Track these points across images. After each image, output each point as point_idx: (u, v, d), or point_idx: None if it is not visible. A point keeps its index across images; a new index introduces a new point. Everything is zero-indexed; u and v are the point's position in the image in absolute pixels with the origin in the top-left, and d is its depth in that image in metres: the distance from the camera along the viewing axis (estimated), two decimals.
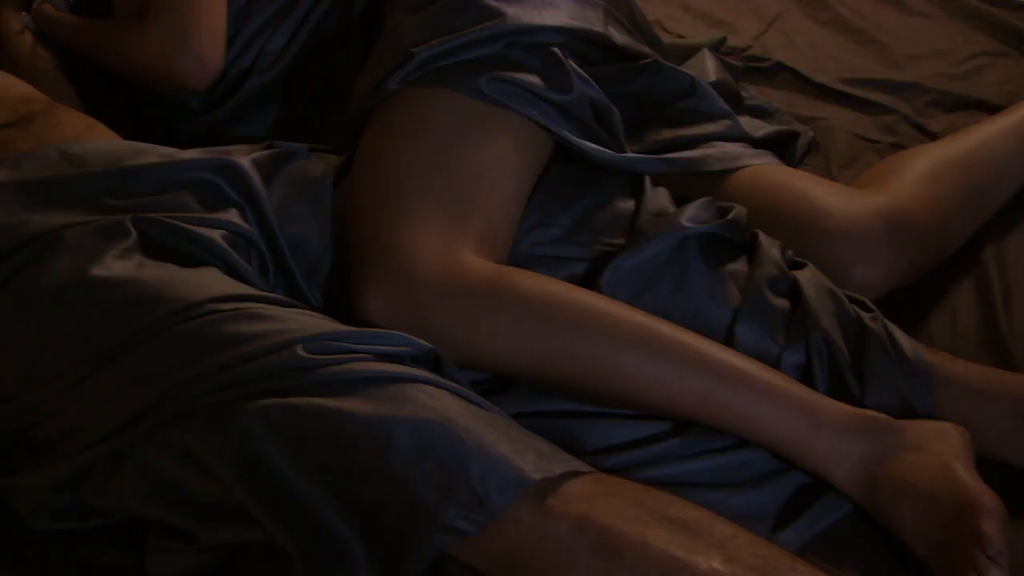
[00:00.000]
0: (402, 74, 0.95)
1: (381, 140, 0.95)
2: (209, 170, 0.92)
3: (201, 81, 1.15)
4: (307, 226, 0.95)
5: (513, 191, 0.94)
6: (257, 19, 1.18)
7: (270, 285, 0.91)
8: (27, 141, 0.93)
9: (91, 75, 1.25)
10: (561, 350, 0.84)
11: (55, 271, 0.79)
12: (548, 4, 0.98)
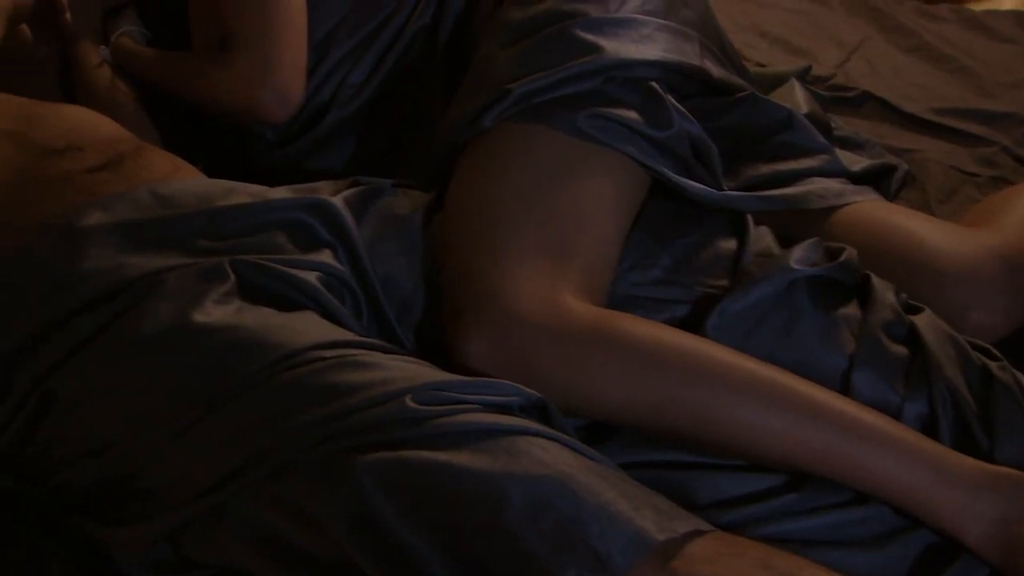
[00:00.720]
0: (498, 110, 0.94)
1: (476, 178, 0.93)
2: (301, 209, 0.91)
3: (282, 115, 1.15)
4: (398, 265, 0.94)
5: (612, 230, 0.92)
6: (337, 51, 1.18)
7: (363, 326, 0.89)
8: (118, 184, 0.92)
9: (168, 108, 1.25)
10: (670, 398, 0.81)
11: (157, 316, 0.78)
12: (645, 38, 0.96)
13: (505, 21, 1.01)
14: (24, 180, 0.91)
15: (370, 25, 1.18)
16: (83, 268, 0.82)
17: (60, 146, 0.95)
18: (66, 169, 0.92)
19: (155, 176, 0.96)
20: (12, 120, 0.97)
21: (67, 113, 1.01)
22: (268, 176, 1.22)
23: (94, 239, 0.84)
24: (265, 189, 0.98)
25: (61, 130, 0.98)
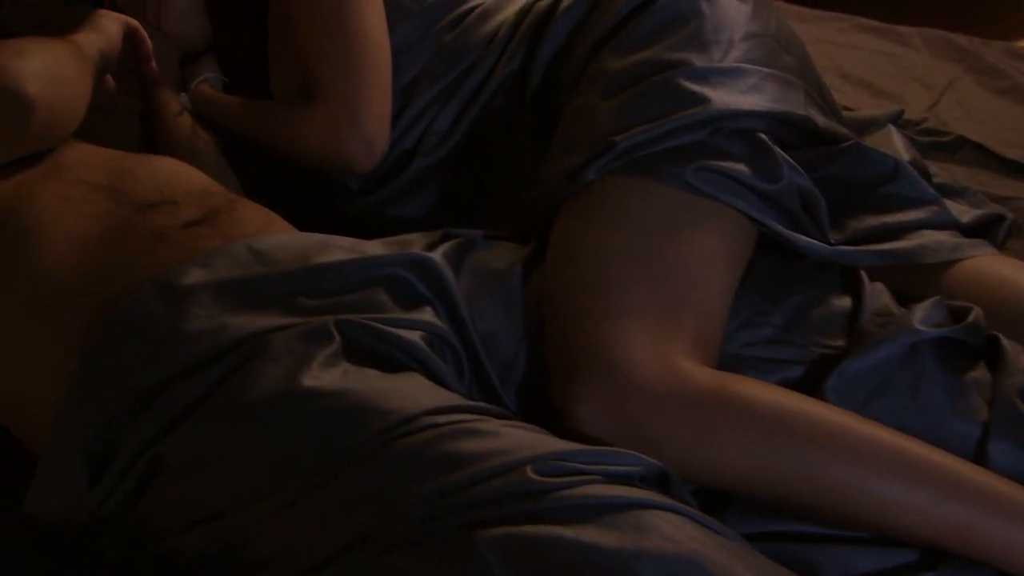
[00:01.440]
0: (602, 163, 0.92)
1: (581, 233, 0.91)
2: (401, 266, 0.89)
3: (368, 164, 1.14)
4: (498, 322, 0.92)
5: (722, 287, 0.89)
6: (422, 98, 1.17)
7: (466, 385, 0.87)
8: (215, 238, 0.91)
9: (248, 156, 1.25)
10: (795, 469, 0.78)
11: (265, 381, 0.76)
12: (752, 87, 0.94)
13: (603, 70, 1.00)
14: (121, 236, 0.90)
15: (455, 71, 1.17)
16: (186, 329, 0.81)
17: (155, 200, 0.94)
18: (162, 224, 0.92)
19: (249, 230, 0.95)
20: (105, 174, 0.97)
21: (158, 166, 1.01)
22: (350, 224, 1.22)
23: (195, 298, 0.83)
24: (360, 243, 0.96)
25: (154, 183, 0.97)
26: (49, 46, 0.97)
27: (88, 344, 0.82)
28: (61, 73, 0.95)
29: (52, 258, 0.88)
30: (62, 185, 0.93)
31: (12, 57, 0.89)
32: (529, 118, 1.11)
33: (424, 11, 1.20)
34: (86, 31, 1.09)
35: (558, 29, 1.10)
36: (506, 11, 1.20)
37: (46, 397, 0.85)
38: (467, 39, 1.18)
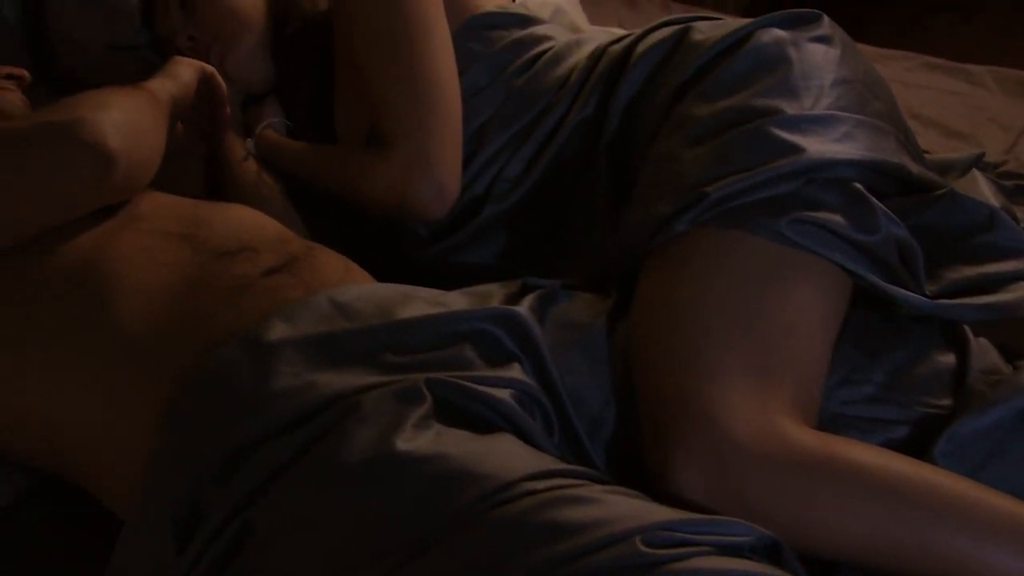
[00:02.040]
0: (692, 214, 0.90)
1: (671, 287, 0.89)
2: (488, 320, 0.87)
3: (441, 211, 1.12)
4: (584, 378, 0.89)
5: (821, 344, 0.86)
6: (492, 143, 1.16)
7: (555, 444, 0.85)
8: (296, 288, 0.90)
9: (315, 202, 1.24)
10: (908, 537, 0.75)
11: (358, 444, 0.74)
12: (846, 135, 0.92)
13: (688, 116, 0.98)
14: (201, 286, 0.89)
15: (526, 116, 1.16)
16: (273, 387, 0.79)
17: (233, 248, 0.93)
18: (243, 272, 0.91)
19: (329, 279, 0.93)
20: (180, 222, 0.96)
21: (233, 213, 1.00)
22: (419, 271, 1.20)
23: (281, 355, 0.82)
24: (441, 294, 0.95)
25: (230, 231, 0.96)
26: (127, 96, 0.96)
27: (173, 402, 0.81)
28: (140, 125, 0.94)
29: (133, 312, 0.87)
30: (139, 236, 0.93)
31: (93, 110, 0.89)
32: (605, 163, 1.10)
33: (494, 55, 1.19)
34: (161, 77, 1.08)
35: (635, 73, 1.09)
36: (577, 54, 1.19)
37: (130, 456, 0.83)
38: (538, 83, 1.17)
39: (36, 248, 0.89)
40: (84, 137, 0.87)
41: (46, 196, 0.88)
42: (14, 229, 0.88)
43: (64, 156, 0.87)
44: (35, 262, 0.89)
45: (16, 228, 0.88)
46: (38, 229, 0.89)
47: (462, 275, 1.19)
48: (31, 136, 0.87)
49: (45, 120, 0.88)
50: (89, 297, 0.87)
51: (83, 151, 0.87)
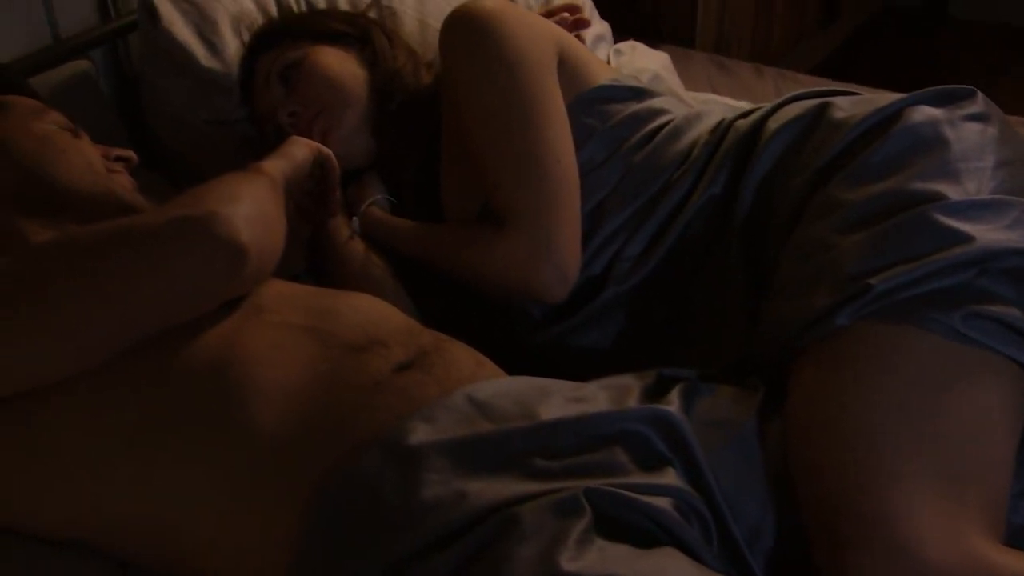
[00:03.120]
0: (854, 308, 0.85)
1: (837, 387, 0.84)
2: (639, 421, 0.83)
3: (561, 293, 1.09)
4: (739, 481, 0.85)
5: (1004, 450, 0.81)
6: (611, 222, 1.12)
7: (714, 553, 0.80)
8: (430, 386, 0.86)
9: (426, 284, 1.21)
10: None
11: (520, 565, 0.70)
12: (1016, 221, 0.87)
13: (837, 201, 0.94)
14: (335, 385, 0.86)
15: (646, 194, 1.12)
16: (423, 497, 0.75)
17: (362, 342, 0.90)
18: (376, 369, 0.88)
19: (463, 374, 0.90)
20: (306, 314, 0.93)
21: (358, 303, 0.97)
22: (531, 353, 1.17)
23: (426, 460, 0.78)
24: (578, 387, 0.91)
25: (357, 322, 0.94)
26: (252, 185, 0.94)
27: (314, 510, 0.77)
28: (268, 215, 0.92)
29: (267, 412, 0.84)
30: (267, 330, 0.90)
31: (223, 203, 0.86)
32: (736, 245, 1.05)
33: (610, 129, 1.16)
34: (276, 157, 1.07)
35: (769, 150, 1.05)
36: (697, 128, 1.16)
37: (257, 565, 0.80)
38: (658, 159, 1.14)
39: (163, 344, 0.87)
40: (218, 232, 0.84)
41: (179, 292, 0.85)
42: (144, 325, 0.86)
43: (198, 252, 0.84)
44: (162, 359, 0.87)
45: (146, 324, 0.86)
46: (167, 324, 0.87)
47: (576, 358, 1.15)
48: (163, 231, 0.85)
49: (177, 215, 0.86)
50: (221, 397, 0.84)
51: (217, 246, 0.84)
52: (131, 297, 0.84)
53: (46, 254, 0.87)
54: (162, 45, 1.33)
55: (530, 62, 1.13)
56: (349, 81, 1.28)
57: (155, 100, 1.41)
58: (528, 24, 1.16)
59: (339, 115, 1.26)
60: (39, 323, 0.83)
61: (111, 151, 1.13)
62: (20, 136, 1.06)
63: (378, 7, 1.54)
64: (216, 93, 1.36)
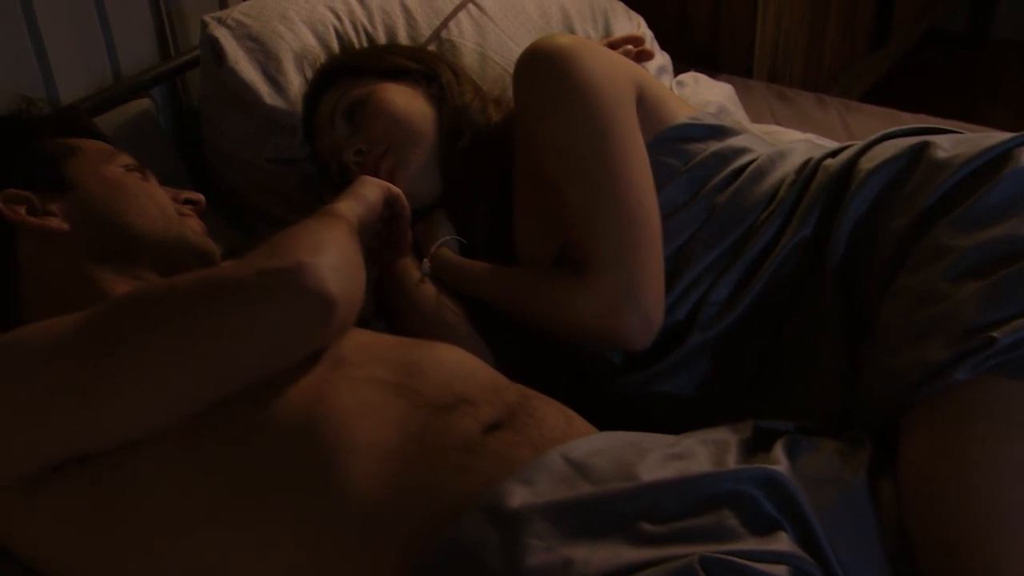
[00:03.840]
0: (976, 361, 0.81)
1: (961, 448, 0.80)
2: (747, 482, 0.80)
3: (646, 340, 1.06)
4: (853, 545, 0.81)
5: None
6: (695, 266, 1.09)
7: None
8: (523, 447, 0.84)
9: (501, 328, 1.18)
10: None
11: None
12: None
13: (947, 247, 0.90)
14: (426, 446, 0.83)
15: (731, 236, 1.09)
16: (529, 565, 0.72)
17: (449, 401, 0.88)
18: (466, 430, 0.85)
19: (554, 433, 0.87)
20: (390, 368, 0.91)
21: (442, 357, 0.94)
22: (610, 399, 1.13)
23: (528, 525, 0.75)
24: (672, 442, 0.88)
25: (443, 378, 0.91)
26: (335, 232, 0.92)
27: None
28: (351, 263, 0.90)
29: (357, 475, 0.81)
30: (353, 387, 0.87)
31: (310, 254, 0.84)
32: (830, 290, 1.02)
33: (691, 169, 1.13)
34: (349, 199, 1.05)
35: (864, 192, 1.02)
36: (782, 167, 1.13)
37: None
38: (743, 200, 1.11)
39: (248, 398, 0.85)
40: (307, 285, 0.82)
41: (266, 346, 0.83)
42: (229, 381, 0.83)
43: (287, 305, 0.82)
44: (248, 415, 0.84)
45: (231, 380, 0.83)
46: (252, 379, 0.85)
47: (658, 405, 1.12)
48: (250, 284, 0.82)
49: (263, 266, 0.83)
50: (311, 457, 0.82)
51: (306, 299, 0.82)
52: (217, 353, 0.82)
53: (127, 308, 0.85)
54: (227, 84, 1.31)
55: (610, 100, 1.10)
56: (417, 118, 1.26)
57: (216, 138, 1.39)
58: (606, 61, 1.14)
59: (407, 154, 1.24)
60: (122, 382, 0.81)
61: (180, 194, 1.12)
62: (92, 181, 1.04)
63: (438, 41, 1.53)
64: (279, 132, 1.35)
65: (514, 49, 1.57)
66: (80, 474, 0.85)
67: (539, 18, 1.63)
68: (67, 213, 1.02)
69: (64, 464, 0.85)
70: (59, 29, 1.27)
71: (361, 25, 1.46)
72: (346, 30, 1.44)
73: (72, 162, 1.05)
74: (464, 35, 1.54)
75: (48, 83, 1.27)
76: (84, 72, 1.32)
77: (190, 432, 0.84)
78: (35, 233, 1.00)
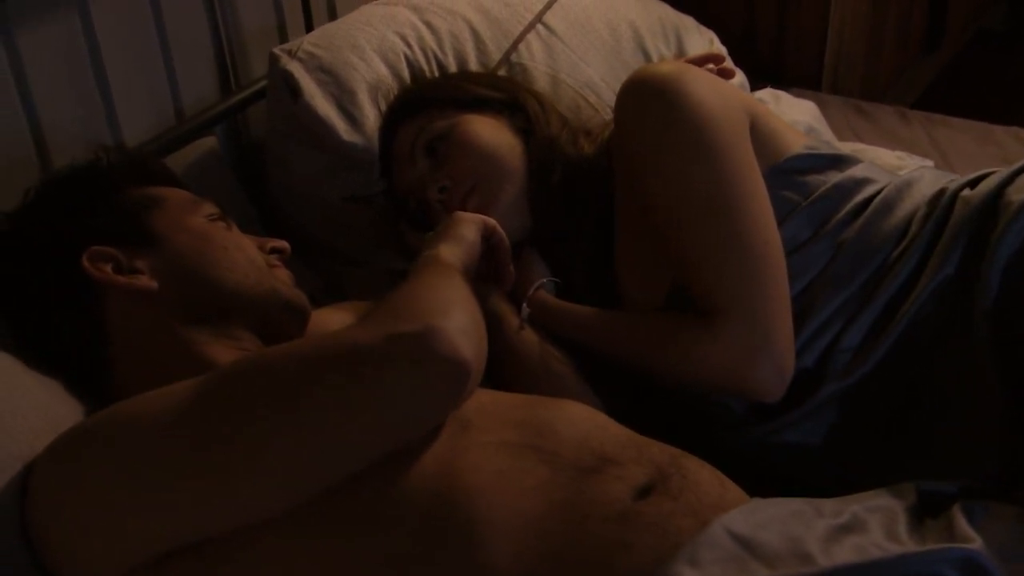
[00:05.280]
0: None
1: None
2: (939, 564, 0.74)
3: (779, 391, 0.99)
4: None
5: None
6: (823, 308, 1.02)
7: None
8: (683, 517, 0.77)
9: (606, 376, 1.12)
10: None
11: None
12: None
13: None
14: (574, 515, 0.77)
15: (861, 276, 1.03)
16: None
17: (591, 462, 0.82)
18: (616, 496, 0.79)
19: (710, 498, 0.81)
20: (518, 429, 0.84)
21: (569, 415, 0.88)
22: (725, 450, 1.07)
23: None
24: (837, 508, 0.82)
25: (577, 439, 0.85)
26: (454, 286, 0.86)
27: None
28: (476, 320, 0.84)
29: (508, 555, 0.75)
30: (486, 453, 0.81)
31: (439, 316, 0.78)
32: (982, 334, 0.95)
33: (812, 203, 1.07)
34: (448, 244, 0.99)
35: (1017, 227, 0.95)
36: (911, 199, 1.07)
37: None
38: (872, 236, 1.04)
39: (374, 473, 0.78)
40: (440, 350, 0.75)
41: (398, 419, 0.76)
42: (356, 458, 0.77)
43: (421, 374, 0.75)
44: (376, 492, 0.78)
45: (358, 457, 0.77)
46: (380, 454, 0.78)
47: (778, 455, 1.06)
48: (377, 352, 0.75)
49: (391, 333, 0.76)
50: (448, 538, 0.75)
51: (441, 366, 0.76)
52: (344, 429, 0.75)
53: (245, 383, 0.78)
54: (303, 120, 1.25)
55: (725, 132, 1.04)
56: (504, 152, 1.20)
57: (283, 175, 1.33)
58: (717, 90, 1.08)
59: (496, 190, 1.18)
60: (246, 465, 0.75)
61: (266, 243, 1.06)
62: (178, 234, 0.99)
63: (508, 64, 1.47)
64: (354, 168, 1.29)
65: (585, 70, 1.52)
66: (190, 563, 0.79)
67: (609, 36, 1.57)
68: (155, 270, 0.96)
69: (174, 551, 0.79)
70: (124, 67, 1.22)
71: (431, 51, 1.40)
72: (416, 57, 1.38)
73: (156, 214, 1.00)
74: (535, 58, 1.48)
75: (112, 125, 1.22)
76: (145, 113, 1.26)
77: (311, 514, 0.78)
78: (123, 293, 0.94)
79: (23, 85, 1.10)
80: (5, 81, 1.08)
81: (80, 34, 1.16)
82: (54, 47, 1.13)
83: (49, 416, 0.87)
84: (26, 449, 0.83)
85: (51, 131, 1.13)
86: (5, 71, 1.08)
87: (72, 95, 1.16)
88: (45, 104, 1.12)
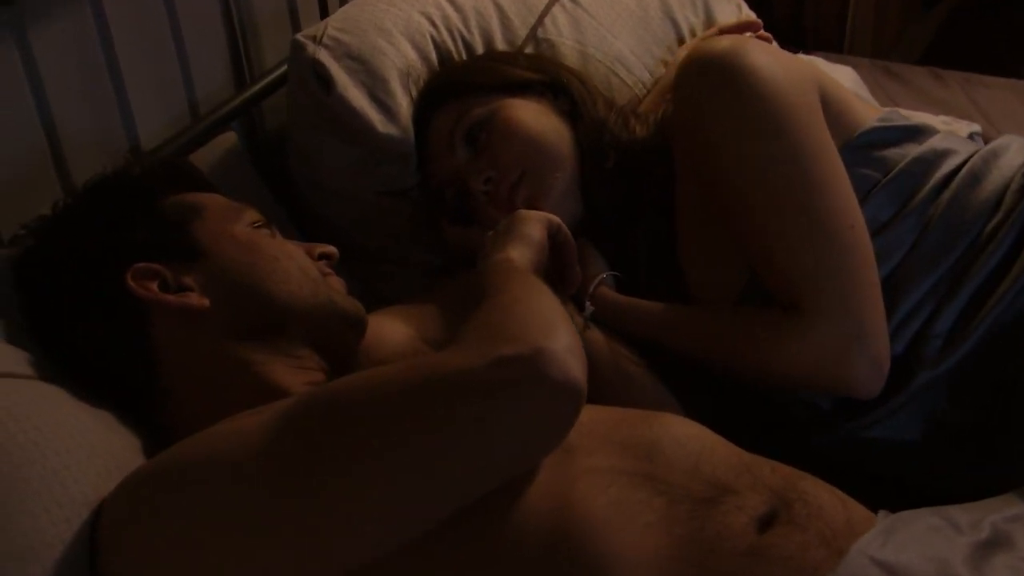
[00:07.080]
0: None
1: None
2: None
3: (877, 386, 0.95)
4: None
5: None
6: (912, 293, 0.98)
7: None
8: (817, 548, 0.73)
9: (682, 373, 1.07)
10: None
11: None
12: None
13: None
14: (698, 552, 0.72)
15: (951, 256, 0.98)
16: None
17: (708, 492, 0.76)
18: (739, 529, 0.74)
19: (836, 523, 0.76)
20: (627, 455, 0.78)
21: (675, 433, 0.82)
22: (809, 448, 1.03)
23: None
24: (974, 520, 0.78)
25: (688, 461, 0.79)
26: (549, 300, 0.79)
27: None
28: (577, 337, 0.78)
29: None
30: (597, 483, 0.75)
31: (546, 336, 0.70)
32: None
33: (892, 180, 1.02)
34: (516, 245, 0.92)
35: None
36: (1000, 169, 1.02)
37: None
38: (960, 212, 1.00)
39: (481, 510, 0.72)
40: (554, 375, 0.68)
41: (510, 452, 0.70)
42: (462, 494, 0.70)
43: (536, 400, 0.68)
44: (484, 531, 0.72)
45: (465, 495, 0.70)
46: (488, 489, 0.72)
47: (867, 452, 1.02)
48: (485, 379, 0.68)
49: (498, 355, 0.69)
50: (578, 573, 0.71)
51: (557, 392, 0.69)
52: (451, 465, 0.68)
53: (335, 417, 0.70)
54: (336, 113, 1.18)
55: (799, 110, 0.99)
56: (552, 138, 1.14)
57: (310, 170, 1.26)
58: (785, 64, 1.02)
59: (546, 180, 1.12)
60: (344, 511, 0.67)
61: (313, 249, 0.99)
62: (224, 246, 0.92)
63: (535, 41, 1.41)
64: (390, 161, 1.22)
65: (614, 44, 1.45)
66: None
67: (636, 7, 1.51)
68: (204, 286, 0.89)
69: None
70: (137, 64, 1.14)
71: (457, 30, 1.33)
72: (443, 38, 1.31)
73: (198, 224, 0.93)
74: (562, 32, 1.42)
75: (128, 126, 1.14)
76: (160, 112, 1.19)
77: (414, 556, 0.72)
78: (172, 313, 0.87)
79: (35, 83, 1.02)
80: (18, 79, 1.01)
81: (90, 19, 1.08)
82: (66, 40, 1.05)
83: (113, 453, 0.80)
84: (91, 492, 0.76)
85: (63, 126, 1.05)
86: (17, 69, 1.00)
87: (83, 85, 1.08)
88: (57, 100, 1.04)
